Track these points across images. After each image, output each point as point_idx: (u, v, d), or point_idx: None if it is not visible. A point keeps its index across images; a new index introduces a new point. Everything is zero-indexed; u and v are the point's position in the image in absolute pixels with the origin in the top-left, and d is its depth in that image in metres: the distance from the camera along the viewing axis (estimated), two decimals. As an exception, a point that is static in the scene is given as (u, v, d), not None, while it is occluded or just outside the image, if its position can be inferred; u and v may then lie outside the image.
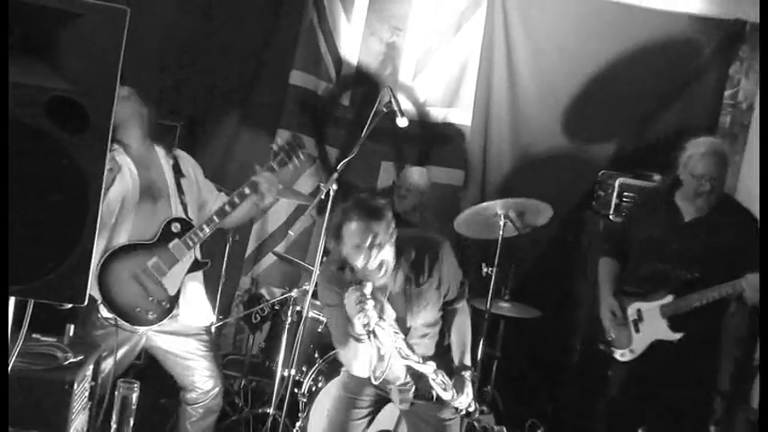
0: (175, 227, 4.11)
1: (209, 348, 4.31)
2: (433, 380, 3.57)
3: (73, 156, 1.82)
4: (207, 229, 4.11)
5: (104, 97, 1.85)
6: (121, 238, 4.05)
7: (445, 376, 3.59)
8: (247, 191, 4.11)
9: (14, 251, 1.79)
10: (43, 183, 1.81)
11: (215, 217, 4.10)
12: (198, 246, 4.17)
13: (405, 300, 3.62)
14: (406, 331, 3.59)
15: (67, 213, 1.81)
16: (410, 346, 3.54)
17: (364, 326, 3.35)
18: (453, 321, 3.82)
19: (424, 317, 3.67)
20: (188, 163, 4.35)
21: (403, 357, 3.49)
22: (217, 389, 4.32)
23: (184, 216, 4.16)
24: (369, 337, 3.38)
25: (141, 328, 4.09)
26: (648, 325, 4.43)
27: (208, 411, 4.32)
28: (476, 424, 3.60)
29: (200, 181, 4.38)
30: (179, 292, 4.14)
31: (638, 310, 4.46)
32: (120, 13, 1.86)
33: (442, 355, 3.73)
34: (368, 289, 3.37)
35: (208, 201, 4.38)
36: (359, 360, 3.56)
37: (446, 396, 3.59)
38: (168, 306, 4.10)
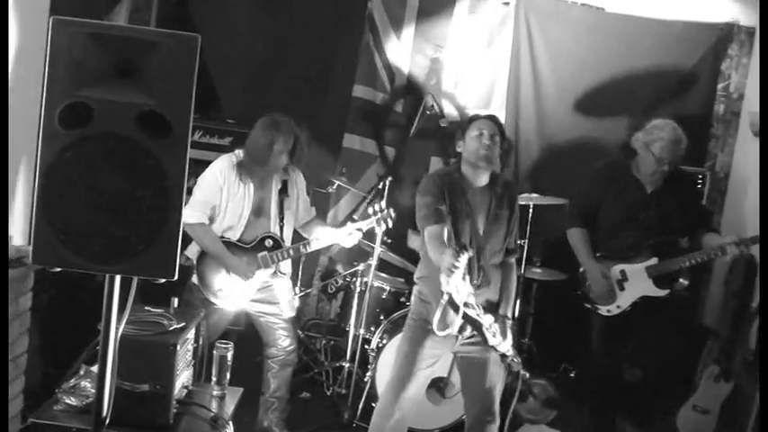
0: (268, 242, 4.22)
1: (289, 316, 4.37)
2: (487, 329, 3.50)
3: (158, 157, 1.83)
4: (288, 254, 4.23)
5: (182, 109, 1.86)
6: (226, 234, 4.19)
7: (496, 326, 3.53)
8: None
9: (112, 237, 1.81)
10: (135, 179, 1.82)
11: (291, 251, 4.22)
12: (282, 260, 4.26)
13: (486, 219, 3.63)
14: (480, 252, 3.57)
15: (155, 204, 1.83)
16: (475, 305, 3.47)
17: (448, 285, 3.21)
18: (507, 275, 3.77)
19: (496, 244, 3.65)
20: (295, 181, 4.38)
21: (471, 309, 3.42)
22: (292, 346, 4.35)
23: (279, 235, 4.23)
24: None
25: (222, 304, 4.22)
26: (634, 284, 4.29)
27: (285, 364, 4.34)
28: (511, 365, 3.56)
29: (300, 199, 4.41)
30: (255, 288, 4.24)
31: (622, 271, 4.32)
32: (192, 40, 1.85)
33: (492, 310, 3.64)
34: (463, 260, 3.17)
35: (298, 218, 4.42)
36: (437, 251, 3.46)
37: (494, 342, 3.52)
38: (243, 297, 4.22)
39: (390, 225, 4.33)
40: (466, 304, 3.40)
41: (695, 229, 4.32)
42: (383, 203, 4.29)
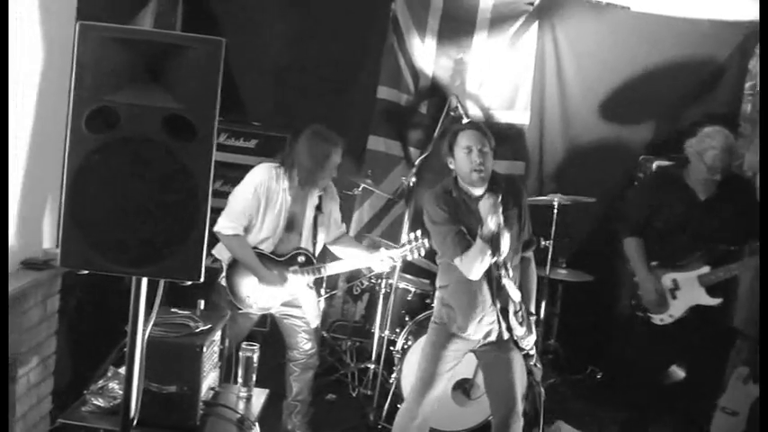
0: (301, 258, 4.22)
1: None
2: (516, 312, 3.53)
3: (184, 160, 1.84)
4: (319, 272, 4.24)
5: (208, 112, 1.86)
6: (260, 246, 4.19)
7: (524, 312, 3.57)
8: None
9: (139, 239, 1.82)
10: (161, 182, 1.84)
11: (322, 269, 4.24)
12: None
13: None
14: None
15: (181, 206, 1.84)
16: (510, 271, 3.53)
17: (498, 224, 3.33)
18: (525, 271, 3.77)
19: (512, 244, 3.56)
20: (329, 198, 4.38)
21: (507, 277, 3.49)
22: (314, 350, 4.36)
23: (312, 251, 4.25)
24: (498, 236, 3.35)
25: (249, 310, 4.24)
26: (686, 293, 4.24)
27: (306, 368, 4.36)
28: (532, 370, 3.55)
29: (332, 216, 4.41)
30: (281, 299, 4.25)
31: (674, 280, 4.26)
32: (217, 43, 1.86)
33: None
34: (499, 198, 3.36)
35: (329, 234, 4.42)
36: (479, 262, 3.43)
37: (519, 331, 3.56)
38: (269, 306, 4.24)
39: (423, 254, 4.32)
40: (506, 267, 3.48)
41: (749, 236, 4.24)
42: (419, 233, 4.25)
